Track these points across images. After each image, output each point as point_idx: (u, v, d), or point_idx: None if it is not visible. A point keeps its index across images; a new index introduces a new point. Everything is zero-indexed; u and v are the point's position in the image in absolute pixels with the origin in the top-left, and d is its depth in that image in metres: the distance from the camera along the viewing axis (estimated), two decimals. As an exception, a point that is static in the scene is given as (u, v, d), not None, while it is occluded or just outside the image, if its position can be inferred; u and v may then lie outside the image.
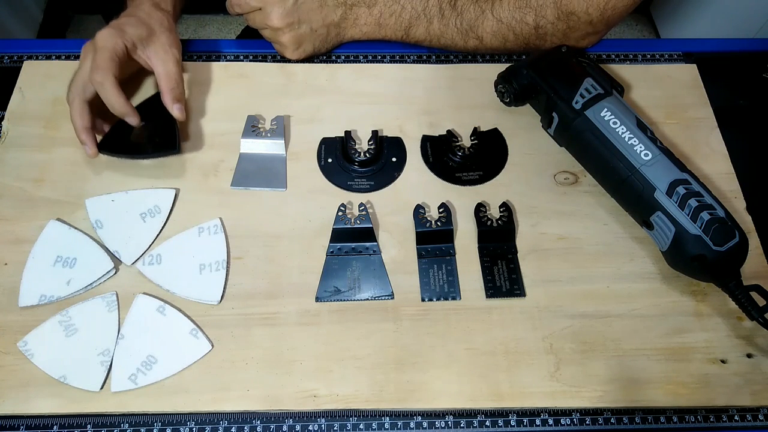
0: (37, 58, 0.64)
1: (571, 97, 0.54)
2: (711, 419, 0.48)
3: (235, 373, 0.48)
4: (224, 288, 0.51)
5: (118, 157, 0.57)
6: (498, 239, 0.54)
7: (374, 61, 0.66)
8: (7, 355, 0.48)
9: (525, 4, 0.60)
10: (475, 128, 0.59)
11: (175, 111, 0.56)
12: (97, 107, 0.55)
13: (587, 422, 0.47)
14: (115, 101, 0.52)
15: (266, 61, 0.65)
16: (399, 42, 0.64)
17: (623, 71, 0.64)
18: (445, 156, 0.58)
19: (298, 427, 0.47)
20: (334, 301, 0.51)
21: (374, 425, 0.47)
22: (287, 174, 0.57)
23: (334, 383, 0.47)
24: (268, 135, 0.58)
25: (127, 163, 0.57)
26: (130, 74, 0.59)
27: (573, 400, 0.47)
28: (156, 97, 0.58)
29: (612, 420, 0.47)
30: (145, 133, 0.57)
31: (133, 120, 0.54)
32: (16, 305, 0.50)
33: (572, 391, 0.47)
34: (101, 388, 0.46)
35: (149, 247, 0.53)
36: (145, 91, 0.61)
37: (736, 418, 0.48)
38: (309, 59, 0.64)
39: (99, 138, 0.56)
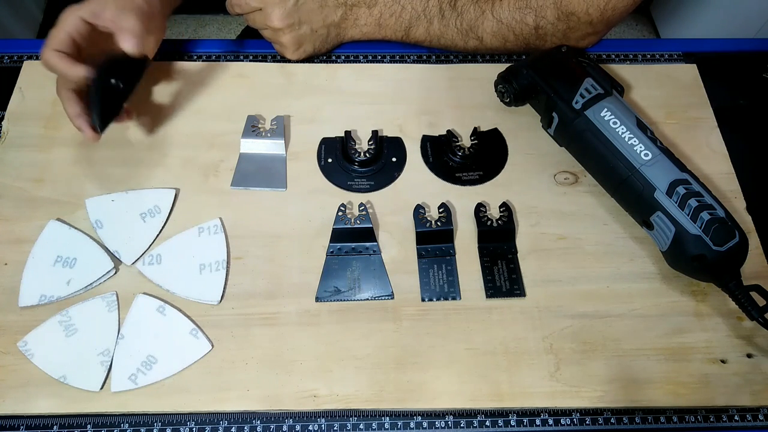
0: (37, 58, 0.64)
1: (571, 97, 0.54)
2: (711, 419, 0.48)
3: (235, 373, 0.48)
4: (224, 288, 0.51)
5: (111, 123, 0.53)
6: (498, 239, 0.54)
7: (374, 61, 0.66)
8: (7, 355, 0.48)
9: (525, 5, 0.60)
10: (475, 128, 0.59)
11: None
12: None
13: (587, 422, 0.47)
14: (59, 66, 0.50)
15: (266, 61, 0.65)
16: (399, 42, 0.64)
17: (623, 71, 0.64)
18: (445, 156, 0.58)
19: (298, 427, 0.47)
20: (334, 301, 0.51)
21: (374, 425, 0.47)
22: (287, 174, 0.57)
23: (334, 383, 0.47)
24: (268, 135, 0.58)
25: (127, 162, 0.57)
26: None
27: (573, 400, 0.47)
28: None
29: (612, 420, 0.47)
30: (117, 82, 0.52)
31: (86, 132, 0.52)
32: (16, 305, 0.49)
33: (572, 391, 0.47)
34: (101, 388, 0.46)
35: (149, 247, 0.53)
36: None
37: (736, 418, 0.48)
38: (309, 59, 0.64)
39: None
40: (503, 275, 0.52)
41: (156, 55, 0.65)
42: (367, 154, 0.57)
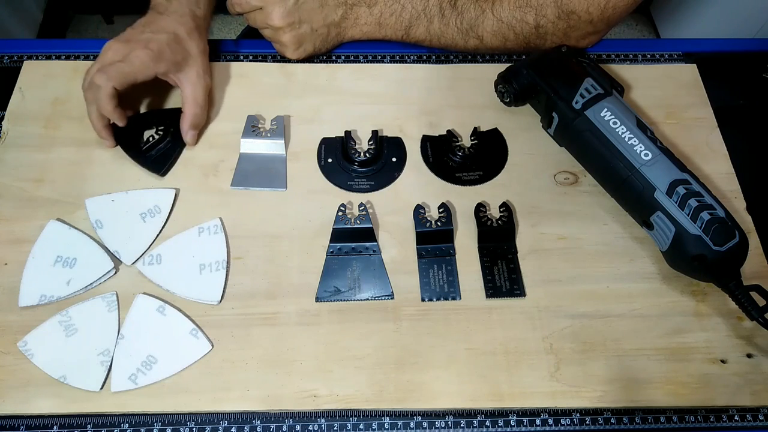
0: (37, 58, 0.64)
1: (571, 97, 0.54)
2: (711, 419, 0.48)
3: (235, 373, 0.48)
4: (224, 288, 0.51)
5: (173, 164, 0.57)
6: (498, 239, 0.54)
7: (374, 61, 0.66)
8: (7, 355, 0.48)
9: (525, 4, 0.60)
10: (475, 128, 0.59)
11: (188, 137, 0.57)
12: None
13: (587, 422, 0.47)
14: (100, 114, 0.54)
15: (266, 61, 0.65)
16: (399, 42, 0.64)
17: (623, 71, 0.64)
18: (445, 156, 0.58)
19: (298, 427, 0.47)
20: (334, 301, 0.51)
21: (374, 425, 0.47)
22: (287, 174, 0.57)
23: (334, 383, 0.47)
24: (268, 135, 0.58)
25: (127, 162, 0.57)
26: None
27: (573, 400, 0.47)
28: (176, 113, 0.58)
29: (612, 420, 0.47)
30: (164, 134, 0.58)
31: (107, 142, 0.56)
32: (16, 305, 0.49)
33: (572, 391, 0.47)
34: (101, 388, 0.46)
35: (149, 247, 0.53)
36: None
37: (736, 418, 0.48)
38: (309, 59, 0.64)
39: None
40: (503, 275, 0.52)
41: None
42: (367, 154, 0.57)
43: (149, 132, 0.58)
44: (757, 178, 0.59)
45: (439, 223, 0.53)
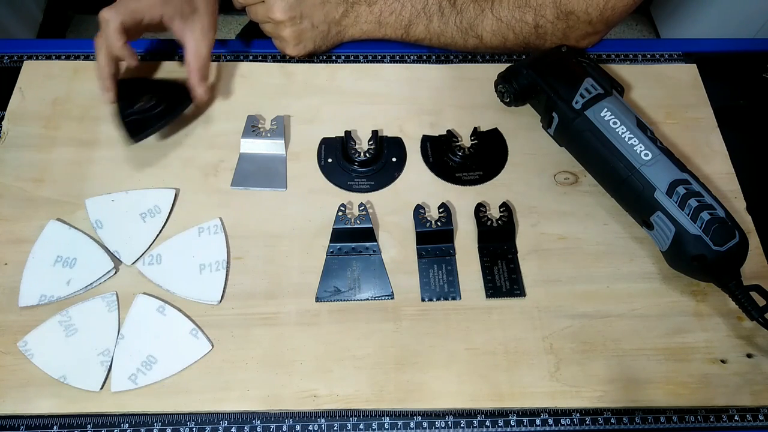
0: (37, 58, 0.64)
1: (571, 97, 0.54)
2: (711, 419, 0.48)
3: (235, 373, 0.48)
4: (224, 288, 0.51)
5: (150, 135, 0.56)
6: (498, 239, 0.54)
7: (374, 61, 0.66)
8: (7, 355, 0.48)
9: (524, 3, 0.60)
10: (475, 128, 0.59)
11: (200, 91, 0.57)
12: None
13: (587, 422, 0.47)
14: (108, 58, 0.53)
15: (266, 61, 0.65)
16: (399, 41, 0.64)
17: (623, 71, 0.64)
18: (445, 156, 0.58)
19: (298, 427, 0.47)
20: (334, 301, 0.51)
21: (374, 425, 0.47)
22: (287, 174, 0.57)
23: (334, 383, 0.47)
24: (268, 135, 0.58)
25: (127, 162, 0.57)
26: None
27: (573, 400, 0.47)
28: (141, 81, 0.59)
29: (612, 420, 0.47)
30: (158, 102, 0.57)
31: (108, 94, 0.55)
32: (16, 305, 0.50)
33: (572, 391, 0.47)
34: (101, 388, 0.47)
35: (149, 247, 0.53)
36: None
37: (736, 418, 0.48)
38: (309, 59, 0.64)
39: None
40: (503, 275, 0.52)
41: (156, 55, 0.65)
42: (367, 154, 0.57)
43: (143, 99, 0.57)
44: (757, 178, 0.59)
45: (439, 223, 0.53)
